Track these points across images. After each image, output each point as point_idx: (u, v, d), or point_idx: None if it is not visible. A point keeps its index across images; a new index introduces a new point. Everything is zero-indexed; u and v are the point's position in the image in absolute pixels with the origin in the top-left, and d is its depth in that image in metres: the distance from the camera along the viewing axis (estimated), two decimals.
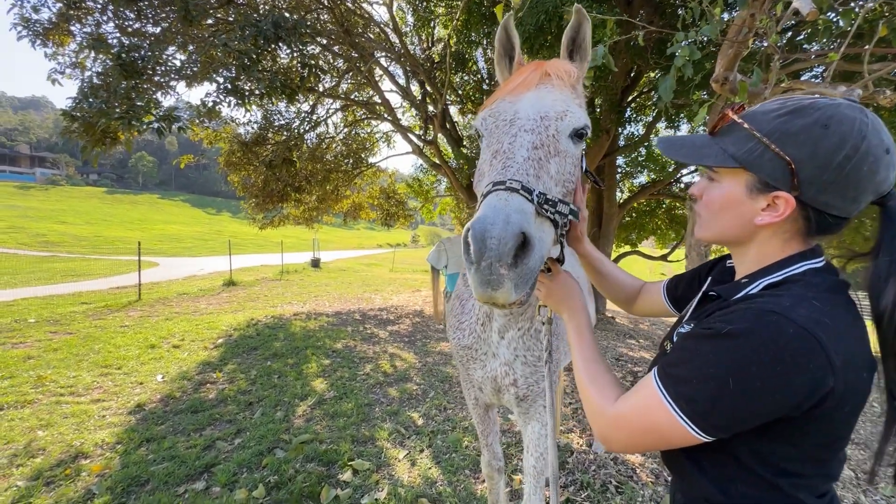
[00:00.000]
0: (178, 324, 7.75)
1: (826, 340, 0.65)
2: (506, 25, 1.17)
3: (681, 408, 0.71)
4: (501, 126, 1.01)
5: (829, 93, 2.95)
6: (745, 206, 0.79)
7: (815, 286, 0.73)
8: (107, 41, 5.66)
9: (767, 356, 0.65)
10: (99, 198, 73.68)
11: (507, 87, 1.09)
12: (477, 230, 0.79)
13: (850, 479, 3.18)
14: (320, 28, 8.11)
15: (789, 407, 0.67)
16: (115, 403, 4.24)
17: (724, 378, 0.67)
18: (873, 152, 0.68)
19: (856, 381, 0.68)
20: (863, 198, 0.72)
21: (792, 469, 0.74)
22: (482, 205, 0.85)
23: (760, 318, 0.68)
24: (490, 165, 0.96)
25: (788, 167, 0.72)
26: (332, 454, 3.31)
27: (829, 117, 0.69)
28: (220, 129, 9.86)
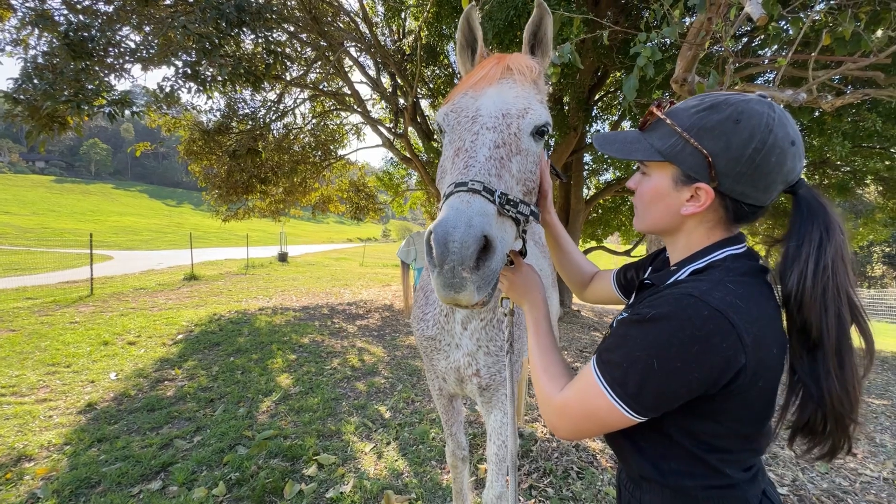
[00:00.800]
0: (134, 319, 7.40)
1: (737, 321, 0.69)
2: (468, 16, 1.15)
3: (615, 392, 0.75)
4: (464, 122, 0.99)
5: (777, 96, 3.12)
6: (671, 197, 0.84)
7: (733, 270, 0.78)
8: (53, 18, 5.28)
9: (685, 337, 0.70)
10: (46, 187, 69.09)
11: (469, 81, 1.07)
12: (439, 234, 0.79)
13: (790, 458, 3.41)
14: (287, 14, 7.85)
15: (707, 384, 0.71)
16: (63, 403, 4.02)
17: (650, 361, 0.71)
18: (779, 144, 0.73)
19: (767, 358, 0.73)
20: (773, 187, 0.77)
21: (719, 445, 0.79)
22: (444, 206, 0.85)
23: (679, 301, 0.73)
24: (452, 163, 0.95)
25: (706, 160, 0.77)
26: (296, 449, 3.26)
27: (740, 112, 0.74)
28: (181, 117, 9.42)
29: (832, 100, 3.26)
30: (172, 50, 5.60)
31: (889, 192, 8.51)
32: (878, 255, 35.63)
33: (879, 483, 3.15)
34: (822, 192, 5.05)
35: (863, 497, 2.95)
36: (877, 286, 34.50)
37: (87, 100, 4.91)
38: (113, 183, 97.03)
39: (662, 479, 0.83)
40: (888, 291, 25.37)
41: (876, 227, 9.68)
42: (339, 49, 8.41)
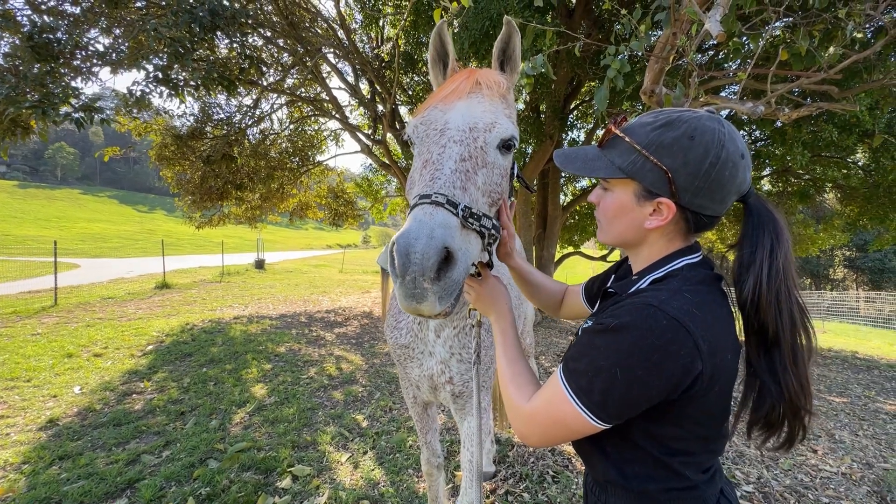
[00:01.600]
0: (101, 330, 7.13)
1: (694, 329, 0.73)
2: (439, 31, 1.17)
3: (581, 400, 0.77)
4: (432, 135, 1.01)
5: (738, 108, 3.27)
6: (634, 212, 0.88)
7: (690, 279, 0.83)
8: (15, 18, 5.09)
9: (645, 346, 0.73)
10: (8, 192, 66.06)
11: (439, 94, 1.09)
12: (401, 245, 0.80)
13: (755, 456, 3.53)
14: (263, 19, 7.79)
15: (668, 390, 0.74)
16: (21, 420, 3.84)
17: (613, 370, 0.74)
18: (731, 158, 0.78)
19: (722, 364, 0.77)
20: (728, 198, 0.82)
21: (680, 448, 0.82)
22: (409, 217, 0.86)
23: (640, 311, 0.76)
24: (420, 175, 0.97)
25: (666, 176, 0.80)
26: (270, 461, 3.19)
27: (693, 129, 0.79)
28: (152, 121, 9.19)
29: (789, 112, 3.43)
30: (143, 53, 5.47)
31: (846, 199, 8.95)
32: (840, 259, 37.31)
33: (838, 478, 3.29)
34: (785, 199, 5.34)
35: (822, 492, 3.08)
36: (838, 288, 36.11)
37: (52, 105, 4.74)
38: (81, 188, 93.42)
39: (626, 483, 0.85)
40: (849, 293, 26.57)
41: (835, 233, 10.15)
42: (317, 55, 8.38)
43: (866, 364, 7.91)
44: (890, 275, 34.11)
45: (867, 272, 35.55)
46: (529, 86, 3.37)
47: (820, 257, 35.60)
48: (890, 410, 5.00)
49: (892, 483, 3.23)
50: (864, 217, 8.65)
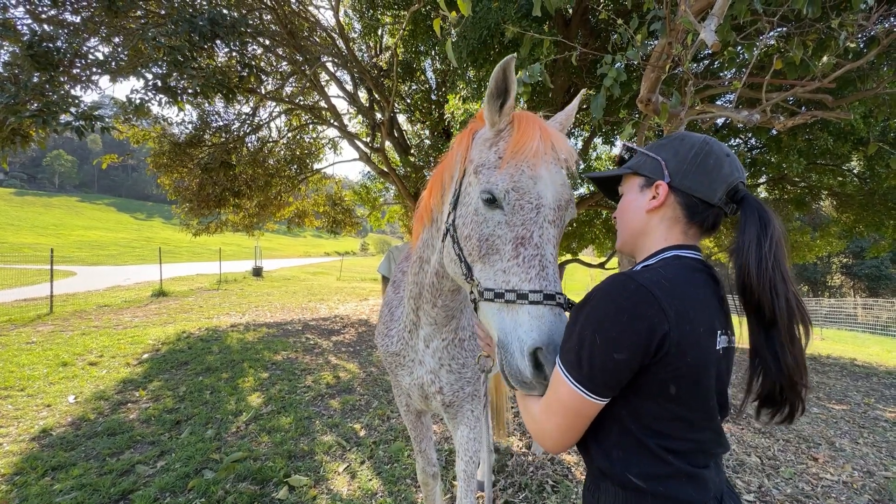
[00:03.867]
0: (97, 339, 7.07)
1: (659, 293, 0.82)
2: (505, 67, 1.05)
3: (573, 375, 0.83)
4: (527, 209, 1.01)
5: (734, 117, 3.30)
6: (638, 200, 1.03)
7: (673, 264, 0.93)
8: (15, 27, 5.11)
9: (616, 308, 0.82)
10: (5, 199, 65.90)
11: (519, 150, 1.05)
12: (552, 351, 0.89)
13: (755, 464, 3.51)
14: (262, 28, 7.84)
15: (640, 350, 0.80)
16: (14, 430, 3.79)
17: (592, 336, 0.82)
18: (715, 152, 0.95)
19: (692, 334, 0.83)
20: (716, 185, 0.94)
21: (658, 428, 0.85)
22: (536, 317, 0.92)
23: (613, 281, 0.86)
24: (515, 251, 0.98)
25: (660, 163, 0.99)
26: (267, 471, 3.15)
27: (684, 136, 1.01)
28: (150, 128, 9.20)
29: (784, 120, 3.46)
30: (142, 62, 5.50)
31: (842, 206, 8.99)
32: (837, 266, 37.43)
33: (839, 487, 3.27)
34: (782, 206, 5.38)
35: (824, 501, 3.06)
36: (836, 295, 36.19)
37: (52, 114, 4.74)
38: (78, 196, 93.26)
39: (612, 468, 0.88)
40: (846, 300, 26.63)
41: (831, 240, 10.19)
42: (316, 63, 8.43)
43: (865, 371, 7.90)
44: (887, 281, 34.23)
45: (864, 279, 35.64)
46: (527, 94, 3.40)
47: (817, 264, 35.73)
48: (890, 418, 4.99)
49: (894, 491, 3.20)
50: (860, 224, 8.68)
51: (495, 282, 0.99)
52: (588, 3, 6.42)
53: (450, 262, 1.15)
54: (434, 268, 1.34)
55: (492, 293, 0.97)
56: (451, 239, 1.13)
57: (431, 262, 1.35)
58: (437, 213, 1.30)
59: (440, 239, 1.22)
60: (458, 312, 1.50)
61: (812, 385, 6.28)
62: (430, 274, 1.36)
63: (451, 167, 1.25)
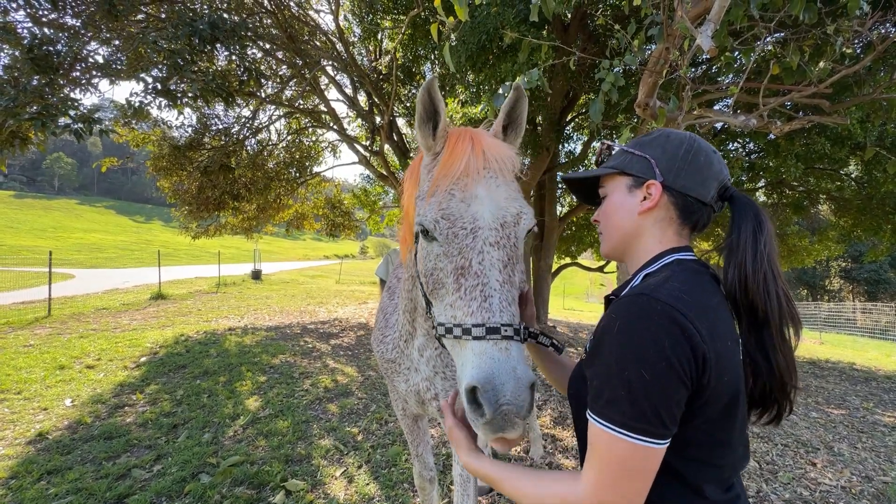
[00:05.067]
0: (94, 342, 7.06)
1: (687, 311, 0.74)
2: (429, 88, 1.04)
3: (631, 429, 0.71)
4: (461, 235, 0.93)
5: (731, 121, 3.31)
6: (628, 202, 0.97)
7: (678, 271, 0.87)
8: (15, 30, 5.13)
9: (653, 336, 0.72)
10: (5, 202, 65.89)
11: (449, 172, 0.99)
12: (490, 393, 0.78)
13: (754, 469, 3.50)
14: (263, 32, 7.88)
15: (690, 371, 0.72)
16: (10, 433, 3.77)
17: (638, 374, 0.71)
18: (704, 149, 0.92)
19: (724, 351, 0.76)
20: (709, 182, 0.92)
21: (698, 456, 0.78)
22: (476, 352, 0.83)
23: (634, 303, 0.78)
24: (457, 283, 0.91)
25: (649, 162, 0.94)
26: (263, 475, 3.14)
27: (669, 132, 0.97)
28: (150, 132, 9.22)
29: (781, 125, 3.48)
30: (142, 65, 5.52)
31: (840, 210, 9.02)
32: (836, 270, 37.49)
33: (838, 491, 3.26)
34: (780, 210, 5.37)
35: None
36: (835, 299, 36.21)
37: (52, 117, 4.75)
38: (78, 198, 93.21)
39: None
40: (845, 304, 26.64)
41: (829, 244, 10.21)
42: (316, 67, 8.46)
43: (864, 375, 7.90)
44: (885, 286, 34.28)
45: (863, 283, 35.69)
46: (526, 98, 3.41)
47: (816, 268, 35.77)
48: (888, 422, 4.98)
49: (893, 496, 3.20)
50: (858, 228, 8.71)
51: (445, 317, 0.92)
52: (586, 9, 6.46)
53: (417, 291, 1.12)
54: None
55: (443, 328, 0.91)
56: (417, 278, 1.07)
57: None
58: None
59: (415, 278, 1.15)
60: None
61: (809, 388, 6.29)
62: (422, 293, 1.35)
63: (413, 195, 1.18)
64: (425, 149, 1.10)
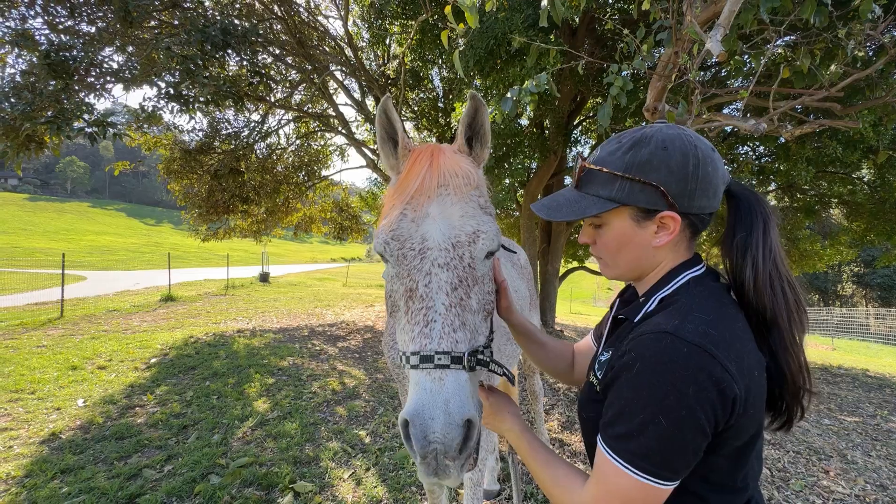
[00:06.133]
0: (106, 343, 7.15)
1: (716, 352, 0.69)
2: (385, 108, 1.01)
3: (637, 467, 0.70)
4: (410, 257, 0.89)
5: (741, 126, 3.29)
6: (638, 236, 0.85)
7: (697, 295, 0.80)
8: (33, 37, 5.26)
9: (676, 381, 0.68)
10: (18, 205, 67.09)
11: (403, 192, 0.95)
12: (417, 427, 0.74)
13: (765, 476, 3.45)
14: (273, 38, 7.98)
15: (714, 421, 0.70)
16: (25, 432, 3.83)
17: (655, 419, 0.69)
18: (707, 154, 0.80)
19: (752, 385, 0.73)
20: (719, 191, 0.83)
21: (719, 480, 0.78)
22: (412, 384, 0.80)
23: (656, 342, 0.72)
24: (406, 305, 0.88)
25: (658, 190, 0.80)
26: (272, 477, 3.16)
27: (662, 140, 0.80)
28: (161, 136, 9.36)
29: (791, 129, 3.45)
30: (155, 70, 5.62)
31: (852, 214, 8.91)
32: (848, 275, 36.94)
33: (851, 500, 3.21)
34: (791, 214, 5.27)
35: None
36: (847, 305, 35.66)
37: (67, 121, 4.85)
38: (90, 201, 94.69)
39: None
40: (858, 310, 26.22)
41: (842, 249, 10.07)
42: (325, 72, 8.55)
43: (878, 382, 7.77)
44: None
45: (876, 288, 35.13)
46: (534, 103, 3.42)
47: (828, 273, 35.27)
48: None
49: None
50: (870, 233, 8.58)
51: (401, 342, 0.89)
52: (594, 13, 6.46)
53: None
54: None
55: (403, 355, 0.86)
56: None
57: None
58: None
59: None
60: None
61: (821, 394, 6.19)
62: None
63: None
64: (390, 170, 1.06)
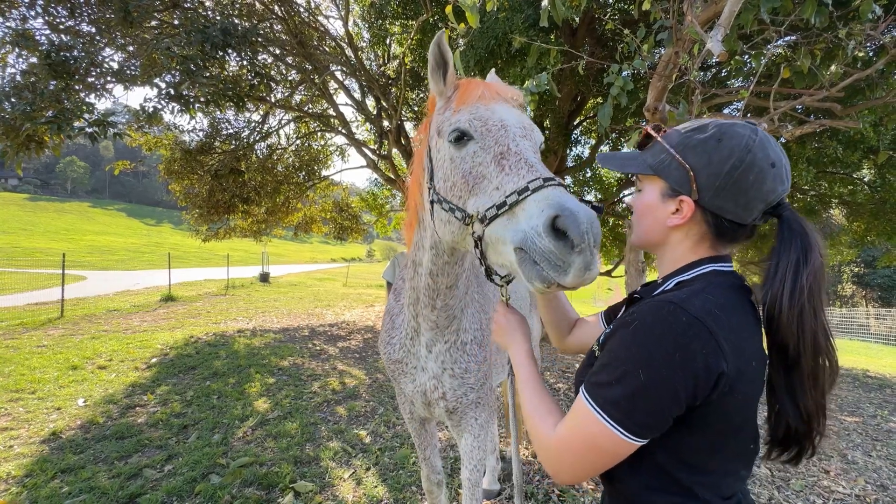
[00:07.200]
0: (106, 343, 7.15)
1: (715, 328, 0.72)
2: (439, 42, 1.15)
3: (608, 413, 0.73)
4: (495, 130, 1.03)
5: None
6: (659, 210, 0.89)
7: (715, 284, 0.82)
8: (34, 38, 5.26)
9: (667, 345, 0.71)
10: (19, 205, 67.10)
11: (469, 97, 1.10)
12: (581, 216, 0.79)
13: (766, 476, 3.46)
14: (273, 38, 7.98)
15: (693, 391, 0.72)
16: (25, 432, 3.83)
17: (636, 372, 0.72)
18: (758, 164, 0.78)
19: (746, 370, 0.74)
20: (753, 205, 0.80)
21: (694, 462, 0.79)
22: (542, 198, 0.86)
23: (660, 308, 0.75)
24: (499, 166, 0.98)
25: (688, 174, 0.82)
26: (272, 477, 3.16)
27: (722, 133, 0.81)
28: (161, 136, 9.36)
29: (792, 129, 3.46)
30: (156, 71, 5.61)
31: (852, 214, 8.91)
32: (848, 275, 36.92)
33: (852, 500, 3.21)
34: None
35: None
36: (847, 305, 35.65)
37: (67, 120, 4.85)
38: (90, 201, 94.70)
39: (635, 497, 0.82)
40: (858, 310, 26.21)
41: (842, 249, 10.07)
42: (325, 72, 8.55)
43: (878, 383, 7.76)
44: None
45: (876, 289, 35.12)
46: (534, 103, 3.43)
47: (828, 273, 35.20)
48: None
49: None
50: (871, 233, 8.59)
51: (493, 199, 0.95)
52: (595, 13, 6.46)
53: (444, 225, 1.12)
54: (427, 268, 1.35)
55: (494, 208, 0.93)
56: (437, 204, 1.12)
57: (424, 264, 1.36)
58: (421, 211, 1.30)
59: (429, 216, 1.20)
60: (459, 312, 1.49)
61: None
62: (424, 276, 1.37)
63: (421, 162, 1.26)
64: (438, 94, 1.21)
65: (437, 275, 1.34)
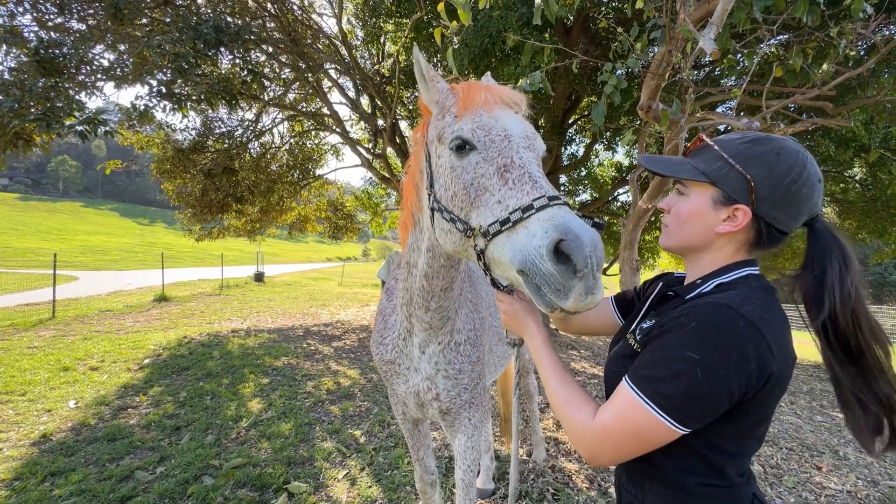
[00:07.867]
0: (98, 343, 7.08)
1: (766, 332, 0.78)
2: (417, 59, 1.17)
3: (658, 404, 0.79)
4: (498, 140, 1.01)
5: (734, 124, 3.30)
6: (709, 216, 0.92)
7: (757, 288, 0.87)
8: (22, 34, 5.18)
9: (726, 347, 0.77)
10: (9, 205, 66.34)
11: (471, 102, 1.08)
12: (585, 239, 0.80)
13: (758, 473, 3.47)
14: (266, 36, 7.91)
15: (743, 391, 0.78)
16: (15, 434, 3.79)
17: (693, 371, 0.77)
18: (811, 179, 0.85)
19: (785, 368, 0.82)
20: (800, 216, 0.88)
21: (726, 446, 0.86)
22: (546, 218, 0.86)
23: (718, 311, 0.80)
24: (502, 179, 0.96)
25: (749, 184, 0.86)
26: (266, 478, 3.14)
27: (780, 147, 0.86)
28: (154, 135, 9.27)
29: (785, 127, 3.47)
30: (147, 69, 5.55)
31: (844, 212, 8.98)
32: None
33: (843, 496, 3.24)
34: None
35: None
36: None
37: (56, 118, 4.78)
38: (82, 201, 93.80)
39: (666, 477, 0.88)
40: None
41: None
42: (319, 70, 8.49)
43: None
44: (891, 288, 34.09)
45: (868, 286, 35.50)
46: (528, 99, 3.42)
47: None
48: None
49: None
50: (862, 231, 8.67)
51: (495, 214, 0.94)
52: (588, 12, 6.47)
53: (445, 235, 1.10)
54: (422, 270, 1.33)
55: (497, 224, 0.92)
56: (438, 213, 1.10)
57: (419, 265, 1.34)
58: (417, 212, 1.29)
59: (429, 222, 1.18)
60: (453, 314, 1.48)
61: (814, 391, 6.24)
62: (419, 277, 1.36)
63: (418, 164, 1.25)
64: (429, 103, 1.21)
65: (433, 277, 1.33)
